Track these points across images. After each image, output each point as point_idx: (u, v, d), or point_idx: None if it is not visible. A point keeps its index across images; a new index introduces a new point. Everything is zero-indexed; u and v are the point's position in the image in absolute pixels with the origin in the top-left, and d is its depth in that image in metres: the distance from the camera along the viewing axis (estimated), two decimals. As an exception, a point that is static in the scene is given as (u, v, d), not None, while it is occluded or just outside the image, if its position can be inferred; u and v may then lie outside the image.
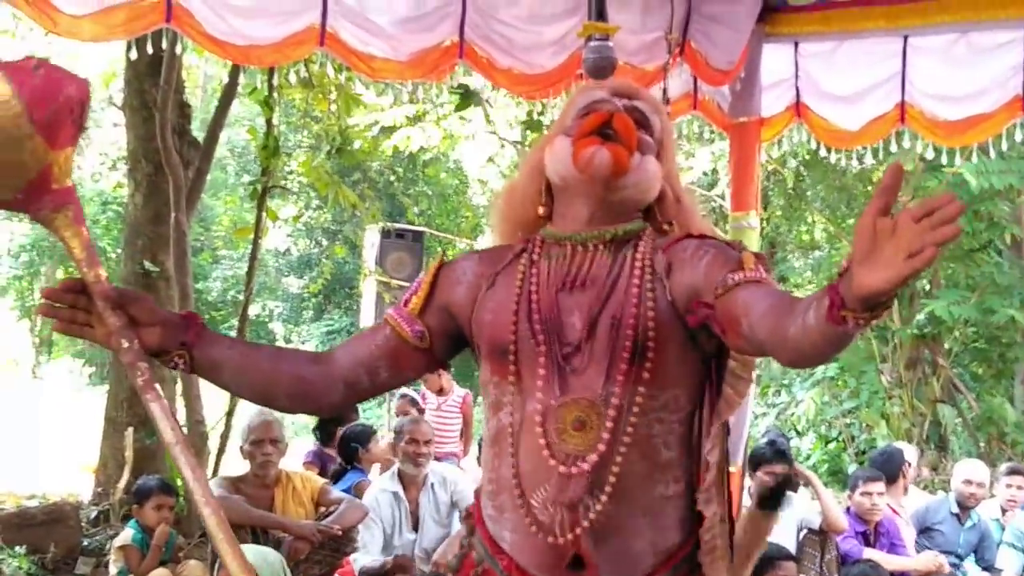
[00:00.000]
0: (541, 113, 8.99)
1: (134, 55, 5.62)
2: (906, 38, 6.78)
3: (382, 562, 6.13)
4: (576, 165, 2.40)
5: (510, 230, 2.65)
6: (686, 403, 2.42)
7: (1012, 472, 8.26)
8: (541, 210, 2.54)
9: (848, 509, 7.19)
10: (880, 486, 7.09)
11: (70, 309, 2.39)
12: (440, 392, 9.22)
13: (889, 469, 7.48)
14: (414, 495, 6.43)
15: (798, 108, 7.25)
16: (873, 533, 7.08)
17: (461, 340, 2.58)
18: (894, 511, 7.38)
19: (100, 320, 2.37)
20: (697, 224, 2.58)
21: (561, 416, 2.33)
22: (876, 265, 1.72)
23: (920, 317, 13.49)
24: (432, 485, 6.45)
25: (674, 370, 2.38)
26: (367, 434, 7.34)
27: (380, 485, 6.59)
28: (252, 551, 5.16)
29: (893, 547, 7.11)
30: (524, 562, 2.39)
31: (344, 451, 7.39)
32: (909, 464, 8.15)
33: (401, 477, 6.46)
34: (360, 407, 8.99)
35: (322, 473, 7.77)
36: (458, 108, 8.55)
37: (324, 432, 8.47)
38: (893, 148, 7.60)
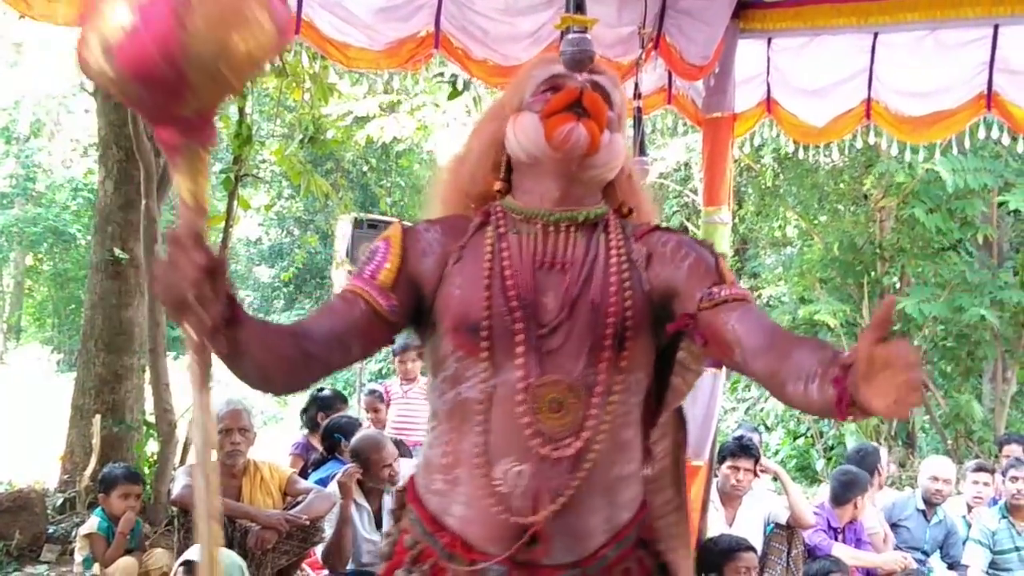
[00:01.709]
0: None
1: (107, 39, 5.56)
2: (876, 35, 6.81)
3: None
4: (551, 142, 2.39)
5: (458, 201, 2.62)
6: (644, 387, 2.48)
7: (979, 469, 8.33)
8: (498, 185, 2.53)
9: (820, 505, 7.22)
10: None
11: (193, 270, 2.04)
12: (406, 380, 9.15)
13: (863, 467, 7.51)
14: (376, 495, 6.33)
15: (769, 103, 7.28)
16: (841, 529, 7.11)
17: (418, 312, 2.49)
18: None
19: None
20: (645, 203, 2.68)
21: (538, 396, 2.33)
22: (876, 392, 1.82)
23: (890, 314, 13.52)
24: (398, 487, 6.33)
25: (641, 356, 2.44)
26: (353, 426, 7.31)
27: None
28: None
29: (859, 543, 7.15)
30: (473, 537, 2.38)
31: (327, 441, 7.37)
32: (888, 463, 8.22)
33: (360, 482, 6.35)
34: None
35: (306, 465, 7.75)
36: (451, 97, 8.54)
37: (312, 422, 8.42)
38: (859, 144, 7.65)
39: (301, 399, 10.48)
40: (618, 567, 2.44)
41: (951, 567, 7.55)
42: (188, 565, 5.07)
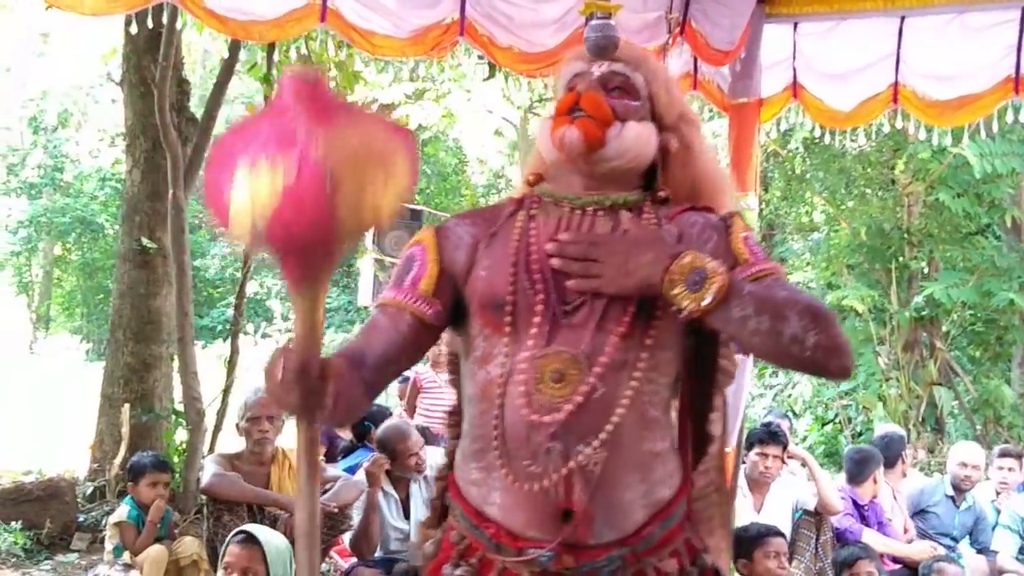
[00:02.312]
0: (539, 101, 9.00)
1: (134, 29, 5.59)
2: (903, 18, 6.77)
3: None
4: (553, 146, 2.48)
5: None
6: (674, 367, 2.48)
7: (1004, 455, 8.26)
8: (532, 178, 2.60)
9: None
10: None
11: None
12: (438, 365, 9.12)
13: (888, 454, 7.49)
14: (403, 484, 6.34)
15: (795, 88, 7.24)
16: (866, 506, 7.11)
17: (458, 303, 2.53)
18: (894, 497, 7.43)
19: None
20: (710, 183, 2.65)
21: (540, 367, 2.34)
22: None
23: (918, 299, 13.49)
24: (425, 476, 6.32)
25: (669, 336, 2.43)
26: (383, 414, 7.33)
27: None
28: (263, 532, 5.18)
29: (880, 527, 7.14)
30: (516, 523, 2.37)
31: (357, 429, 7.39)
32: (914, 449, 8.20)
33: (388, 470, 6.31)
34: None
35: (330, 450, 7.77)
36: (488, 79, 8.55)
37: None
38: (886, 129, 7.62)
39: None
40: (666, 548, 2.44)
41: (980, 553, 7.51)
42: (245, 534, 5.09)
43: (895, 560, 7.12)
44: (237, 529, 5.23)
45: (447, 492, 2.57)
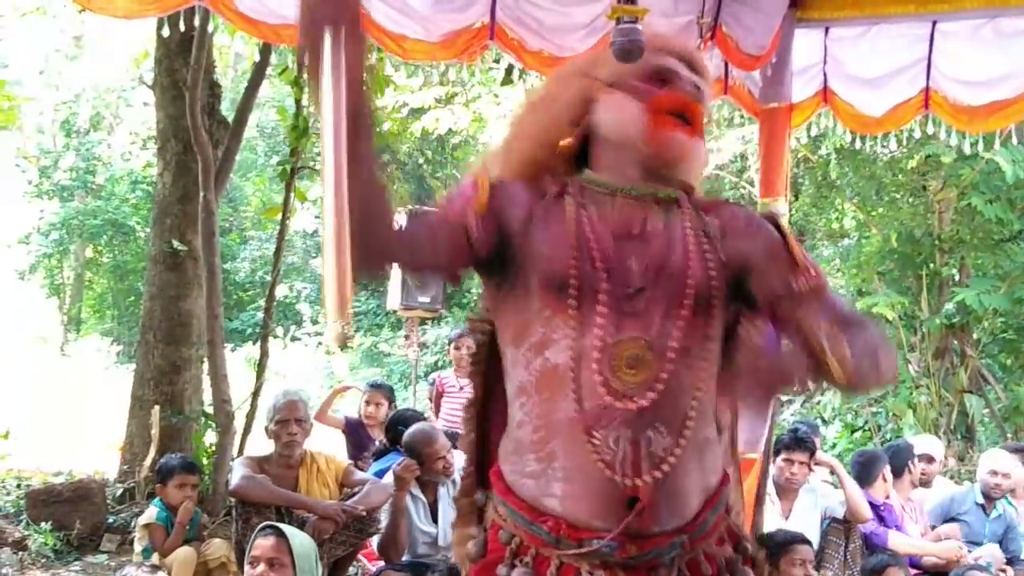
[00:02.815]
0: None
1: (166, 33, 5.63)
2: (934, 23, 6.75)
3: None
4: (651, 140, 2.45)
5: (531, 142, 2.61)
6: (719, 355, 2.50)
7: (1017, 450, 8.18)
8: (567, 141, 2.54)
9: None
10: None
11: None
12: (461, 368, 9.10)
13: (895, 463, 7.46)
14: (431, 487, 6.34)
15: (826, 93, 7.23)
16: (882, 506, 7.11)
17: (490, 260, 2.46)
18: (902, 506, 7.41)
19: None
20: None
21: (616, 354, 2.33)
22: None
23: (949, 306, 13.42)
24: (454, 479, 6.32)
25: (719, 326, 2.47)
26: (417, 419, 7.33)
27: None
28: (289, 528, 5.20)
29: (897, 529, 7.13)
30: (579, 513, 2.34)
31: (390, 432, 7.40)
32: (932, 458, 8.14)
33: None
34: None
35: (354, 441, 7.78)
36: (504, 83, 8.57)
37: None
38: (917, 134, 7.60)
39: (352, 401, 10.54)
40: (715, 534, 2.46)
41: (1010, 562, 7.47)
42: (271, 528, 5.12)
43: (915, 566, 7.09)
44: (263, 524, 5.25)
45: (482, 490, 2.56)
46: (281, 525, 5.20)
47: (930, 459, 8.06)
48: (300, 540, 5.12)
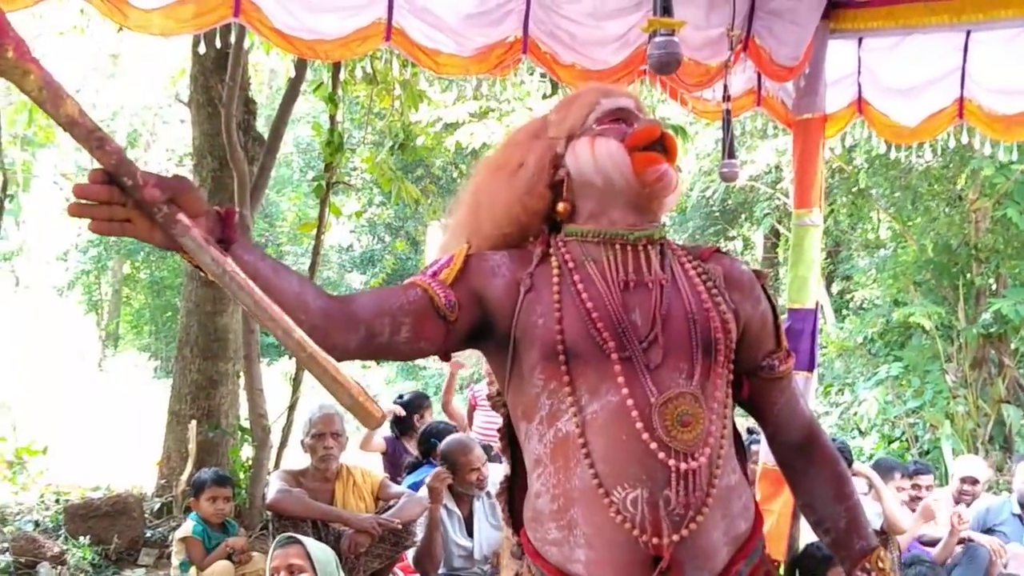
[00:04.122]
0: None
1: (202, 50, 5.66)
2: (968, 32, 6.74)
3: None
4: (640, 177, 2.43)
5: (506, 214, 2.55)
6: (731, 398, 2.51)
7: None
8: (563, 206, 2.52)
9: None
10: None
11: (105, 205, 1.84)
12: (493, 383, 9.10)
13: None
14: (466, 501, 6.35)
15: (860, 104, 7.22)
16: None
17: (481, 335, 2.45)
18: None
19: (139, 211, 1.85)
20: None
21: (665, 413, 2.30)
22: None
23: (986, 316, 13.34)
24: (488, 492, 6.33)
25: (728, 373, 2.47)
26: (448, 431, 7.35)
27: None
28: (306, 538, 5.21)
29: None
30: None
31: (423, 445, 7.41)
32: (976, 480, 8.07)
33: (450, 487, 6.30)
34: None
35: (392, 459, 7.79)
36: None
37: (402, 426, 8.44)
38: (952, 144, 7.58)
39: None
40: None
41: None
42: (287, 538, 5.14)
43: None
44: (282, 535, 5.27)
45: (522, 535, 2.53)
46: (299, 536, 5.21)
47: (973, 481, 7.98)
48: (319, 548, 5.14)
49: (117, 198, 1.83)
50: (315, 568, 4.94)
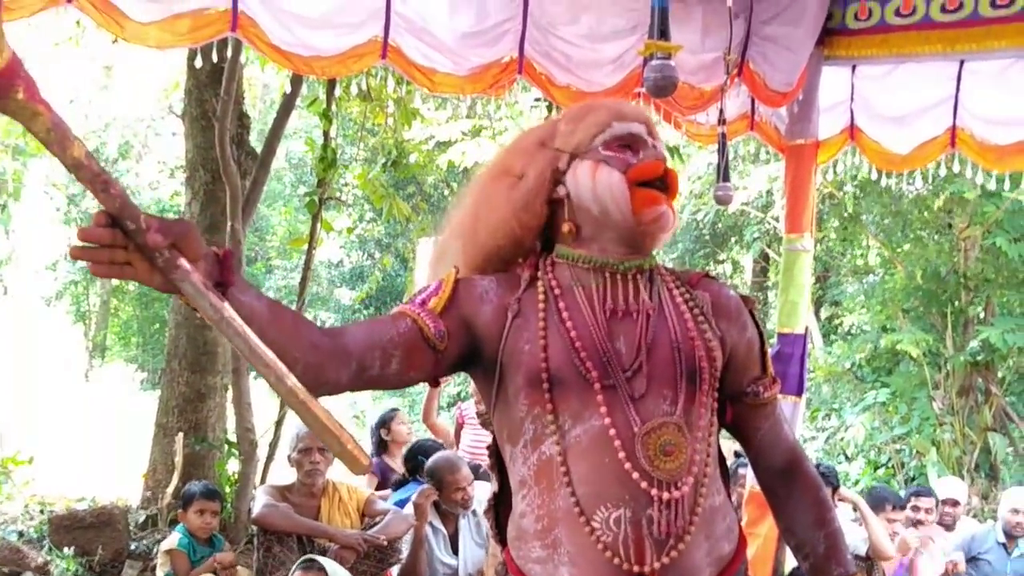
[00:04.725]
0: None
1: (199, 63, 5.66)
2: (962, 62, 6.77)
3: None
4: (637, 214, 2.43)
5: (502, 225, 2.54)
6: (715, 423, 2.52)
7: None
8: (567, 227, 2.51)
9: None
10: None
11: (107, 248, 1.82)
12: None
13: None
14: (452, 519, 6.34)
15: (852, 131, 7.25)
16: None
17: (470, 360, 2.46)
18: None
19: (140, 255, 1.84)
20: None
21: (647, 443, 2.32)
22: None
23: (974, 344, 13.39)
24: (474, 511, 6.34)
25: (713, 396, 2.49)
26: (436, 448, 7.33)
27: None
28: (329, 563, 5.27)
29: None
30: None
31: (410, 462, 7.40)
32: (956, 502, 8.09)
33: (436, 504, 6.31)
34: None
35: (382, 483, 7.77)
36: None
37: (378, 442, 8.38)
38: (943, 172, 7.61)
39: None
40: None
41: (1033, 603, 7.43)
42: (310, 561, 5.16)
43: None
44: (304, 557, 5.28)
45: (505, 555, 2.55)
46: (321, 559, 5.23)
47: (954, 503, 8.01)
48: (338, 573, 5.16)
49: (120, 241, 1.82)
50: None
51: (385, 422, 8.19)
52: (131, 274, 1.87)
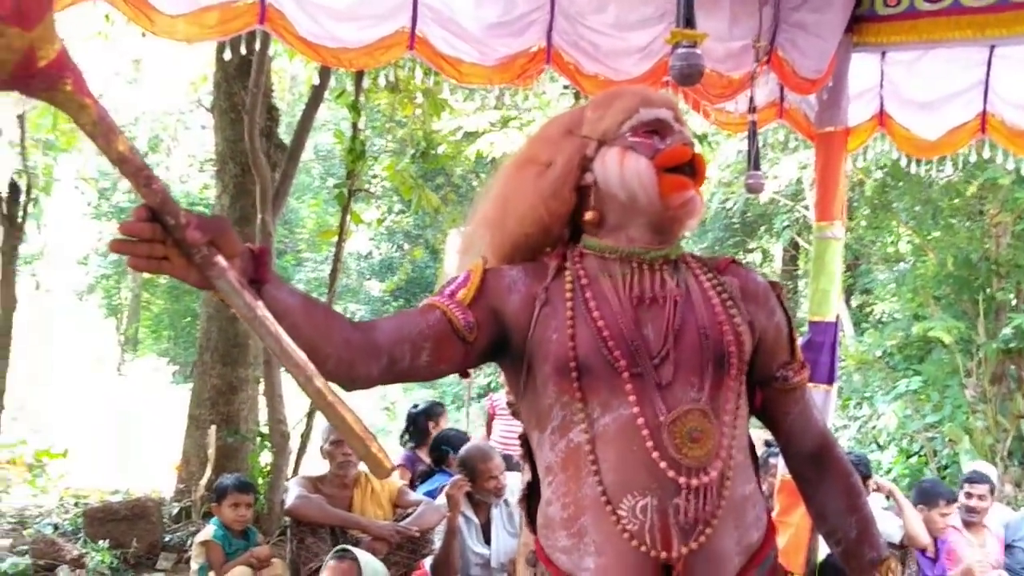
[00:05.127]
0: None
1: (227, 56, 5.67)
2: (993, 47, 6.72)
3: None
4: (665, 199, 2.42)
5: (529, 212, 2.53)
6: (744, 409, 2.51)
7: None
8: (590, 215, 2.51)
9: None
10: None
11: (146, 243, 1.86)
12: None
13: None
14: (484, 509, 6.34)
15: (882, 117, 7.22)
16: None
17: (499, 350, 2.46)
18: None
19: (177, 250, 1.86)
20: None
21: (674, 430, 2.31)
22: None
23: (1006, 331, 13.30)
24: (506, 500, 6.33)
25: (742, 383, 2.48)
26: (461, 439, 7.33)
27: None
28: (362, 554, 5.27)
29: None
30: None
31: (435, 453, 7.41)
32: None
33: (469, 494, 6.27)
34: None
35: (413, 478, 7.79)
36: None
37: (418, 434, 8.34)
38: (973, 159, 7.57)
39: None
40: None
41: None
42: (344, 551, 5.18)
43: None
44: (337, 547, 5.30)
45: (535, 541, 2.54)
46: (355, 550, 5.24)
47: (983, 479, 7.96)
48: (372, 566, 5.17)
49: (159, 236, 1.85)
50: None
51: (433, 416, 8.19)
52: (168, 269, 1.89)
